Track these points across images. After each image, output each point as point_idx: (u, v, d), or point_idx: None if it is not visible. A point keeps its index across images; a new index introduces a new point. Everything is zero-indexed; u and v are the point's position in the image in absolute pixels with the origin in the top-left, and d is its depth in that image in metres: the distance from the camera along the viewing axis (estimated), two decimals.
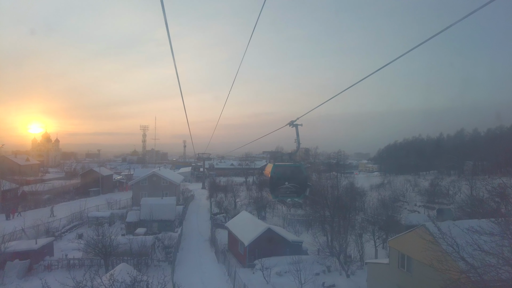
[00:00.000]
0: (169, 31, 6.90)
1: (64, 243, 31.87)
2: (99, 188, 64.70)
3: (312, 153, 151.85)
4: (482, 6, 4.86)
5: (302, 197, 16.73)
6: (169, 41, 7.37)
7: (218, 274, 24.31)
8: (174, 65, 8.91)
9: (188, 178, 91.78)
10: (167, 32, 6.91)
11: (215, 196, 52.24)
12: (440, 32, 5.60)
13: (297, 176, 16.24)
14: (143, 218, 33.96)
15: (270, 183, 16.21)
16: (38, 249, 25.58)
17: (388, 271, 17.89)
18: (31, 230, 31.89)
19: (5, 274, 22.94)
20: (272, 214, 45.86)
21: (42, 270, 24.70)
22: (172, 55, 7.95)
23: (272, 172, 16.22)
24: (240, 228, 29.05)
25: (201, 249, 30.22)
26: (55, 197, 59.96)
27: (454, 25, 5.40)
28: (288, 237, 27.70)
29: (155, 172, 50.40)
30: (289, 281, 21.87)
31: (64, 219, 38.22)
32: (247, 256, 26.10)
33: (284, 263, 24.17)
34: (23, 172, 72.72)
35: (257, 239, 26.19)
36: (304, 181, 16.68)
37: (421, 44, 6.08)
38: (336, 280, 23.18)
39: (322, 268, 24.80)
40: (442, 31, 5.59)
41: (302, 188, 16.17)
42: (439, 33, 5.59)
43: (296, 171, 16.58)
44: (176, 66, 9.14)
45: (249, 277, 23.13)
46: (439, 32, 5.59)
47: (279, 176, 16.18)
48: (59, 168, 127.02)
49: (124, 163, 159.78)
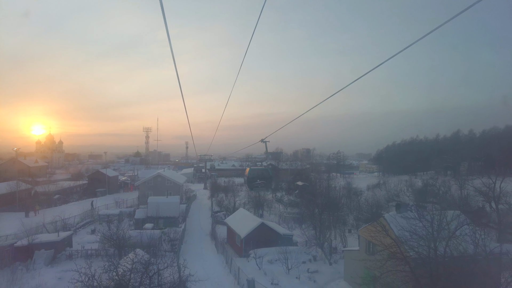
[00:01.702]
0: (168, 32, 7.31)
1: (80, 237, 36.04)
2: (106, 189, 68.98)
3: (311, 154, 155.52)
4: None
5: (269, 188, 22.76)
6: (169, 42, 7.82)
7: (217, 262, 28.37)
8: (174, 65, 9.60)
9: (190, 178, 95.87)
10: (167, 33, 7.28)
11: (216, 196, 56.35)
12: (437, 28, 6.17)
13: (265, 176, 22.24)
14: (150, 215, 38.11)
15: (247, 181, 22.98)
16: (60, 241, 29.77)
17: (358, 256, 21.76)
18: (49, 225, 36.22)
19: (34, 262, 27.07)
20: (269, 212, 49.80)
21: (65, 259, 28.79)
22: (172, 55, 8.76)
23: (248, 173, 22.89)
24: (238, 223, 33.09)
25: (202, 242, 34.33)
26: (64, 197, 64.49)
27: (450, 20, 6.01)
28: (279, 230, 31.71)
29: (160, 173, 54.62)
30: (278, 267, 25.90)
31: (77, 216, 42.46)
32: (243, 247, 30.09)
33: (275, 252, 28.09)
34: (32, 174, 77.16)
35: (252, 232, 30.18)
36: (270, 178, 23.79)
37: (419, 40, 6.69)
38: (320, 267, 27.08)
39: (309, 257, 28.71)
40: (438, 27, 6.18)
41: (269, 183, 22.84)
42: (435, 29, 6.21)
43: (264, 172, 22.59)
44: (177, 67, 9.99)
45: (244, 265, 27.06)
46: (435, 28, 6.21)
47: (253, 176, 22.36)
48: (64, 169, 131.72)
49: (127, 164, 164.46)
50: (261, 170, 32.88)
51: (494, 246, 17.07)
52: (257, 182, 32.41)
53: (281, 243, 29.80)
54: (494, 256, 15.95)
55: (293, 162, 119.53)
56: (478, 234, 15.67)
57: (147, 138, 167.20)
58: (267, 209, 50.77)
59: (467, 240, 14.54)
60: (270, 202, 55.06)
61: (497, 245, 18.51)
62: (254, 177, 31.98)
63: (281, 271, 25.38)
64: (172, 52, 8.38)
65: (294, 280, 23.94)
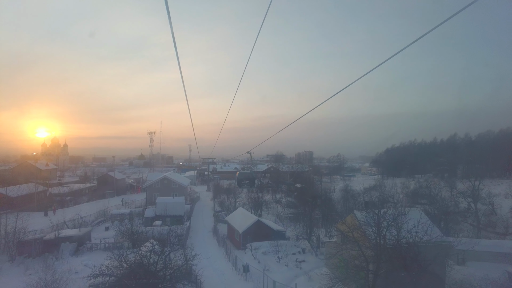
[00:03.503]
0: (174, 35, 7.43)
1: (95, 234, 41.05)
2: (114, 191, 74.28)
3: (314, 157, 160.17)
4: None
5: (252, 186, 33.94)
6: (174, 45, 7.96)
7: (219, 253, 33.29)
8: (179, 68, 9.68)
9: (194, 181, 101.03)
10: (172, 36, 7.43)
11: (218, 197, 61.32)
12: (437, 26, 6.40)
13: (250, 177, 31.94)
14: (158, 214, 43.15)
15: (237, 180, 33.49)
16: (82, 235, 34.86)
17: (336, 246, 26.51)
18: (69, 223, 41.39)
19: (61, 252, 32.13)
20: (268, 212, 54.60)
21: (86, 250, 33.82)
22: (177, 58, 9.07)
23: (238, 175, 33.49)
24: (237, 220, 37.99)
25: (205, 237, 39.27)
26: (75, 198, 69.82)
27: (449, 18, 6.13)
28: (273, 226, 36.58)
29: (166, 176, 59.81)
30: (271, 257, 30.72)
31: (92, 215, 47.62)
32: (241, 241, 34.95)
33: (268, 245, 32.86)
34: (43, 176, 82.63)
35: (249, 228, 35.05)
36: (253, 179, 36.80)
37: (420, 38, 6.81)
38: (307, 257, 31.84)
39: (298, 250, 33.48)
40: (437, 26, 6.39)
41: (252, 182, 34.17)
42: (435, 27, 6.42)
43: (249, 175, 32.78)
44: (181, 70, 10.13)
45: (241, 255, 31.92)
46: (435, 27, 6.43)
47: (241, 178, 31.52)
48: (70, 171, 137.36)
49: (131, 167, 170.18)
50: (246, 173, 61.27)
51: (437, 235, 21.86)
52: (243, 182, 51.30)
53: (275, 238, 34.60)
54: (435, 244, 20.72)
55: (295, 165, 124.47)
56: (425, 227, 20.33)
57: (151, 141, 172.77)
58: (265, 209, 55.57)
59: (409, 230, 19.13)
60: (269, 203, 59.90)
61: (441, 235, 23.39)
62: (241, 178, 52.81)
63: (273, 260, 30.19)
64: (177, 54, 8.64)
65: (283, 267, 28.75)
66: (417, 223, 20.04)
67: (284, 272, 27.66)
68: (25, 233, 32.84)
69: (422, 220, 22.45)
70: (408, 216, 21.01)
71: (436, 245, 21.37)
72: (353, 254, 19.41)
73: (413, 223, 20.12)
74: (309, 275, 26.50)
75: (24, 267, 28.74)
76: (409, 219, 20.56)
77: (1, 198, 48.57)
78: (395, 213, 19.34)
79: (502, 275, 23.78)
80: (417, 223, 20.04)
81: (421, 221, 21.02)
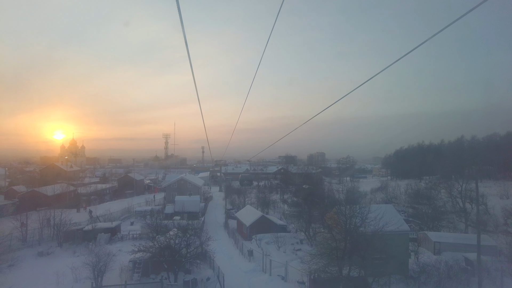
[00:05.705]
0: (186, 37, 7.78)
1: (123, 227, 48.67)
2: (133, 191, 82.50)
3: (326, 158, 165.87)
4: None
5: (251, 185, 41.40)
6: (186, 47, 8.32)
7: (229, 243, 40.43)
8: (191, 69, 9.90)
9: (207, 182, 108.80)
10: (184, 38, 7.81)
11: (229, 197, 68.53)
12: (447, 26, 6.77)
13: (249, 179, 39.75)
14: (177, 210, 50.62)
15: (240, 181, 42.41)
16: (114, 227, 42.55)
17: (325, 236, 33.12)
18: (100, 218, 49.31)
19: (98, 241, 39.82)
20: (274, 211, 61.45)
21: (118, 240, 41.46)
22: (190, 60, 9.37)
23: (240, 178, 42.41)
24: (244, 216, 45.01)
25: (218, 230, 46.45)
26: (99, 197, 78.28)
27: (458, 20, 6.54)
28: (276, 221, 43.46)
29: (183, 177, 67.50)
30: (272, 246, 37.56)
31: (118, 212, 55.53)
32: (248, 233, 41.92)
33: (271, 237, 39.71)
34: (69, 177, 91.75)
35: (255, 222, 41.99)
36: (251, 180, 45.17)
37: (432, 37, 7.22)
38: (304, 247, 38.46)
39: (297, 240, 40.25)
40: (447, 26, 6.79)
41: (251, 183, 41.87)
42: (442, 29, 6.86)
43: (249, 177, 40.26)
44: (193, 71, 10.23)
45: (247, 245, 38.93)
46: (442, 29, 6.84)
47: (243, 179, 39.18)
48: (89, 172, 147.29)
49: (146, 168, 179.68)
50: (246, 176, 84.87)
51: (400, 226, 28.30)
52: (244, 182, 68.42)
53: (277, 231, 41.44)
54: (395, 233, 27.18)
55: (306, 166, 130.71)
56: (389, 219, 26.78)
57: (167, 144, 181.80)
58: (272, 208, 62.43)
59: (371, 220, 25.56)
60: (276, 202, 66.75)
61: (406, 226, 29.85)
62: (243, 179, 68.34)
63: (274, 248, 37.02)
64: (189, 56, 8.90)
65: (281, 254, 35.56)
66: (382, 215, 26.53)
67: (282, 257, 34.43)
68: (69, 224, 40.76)
69: (391, 214, 29.10)
70: (379, 210, 27.54)
71: (396, 234, 27.88)
72: (327, 236, 26.10)
73: (380, 216, 26.61)
74: (302, 259, 33.27)
75: (71, 251, 36.55)
76: (379, 212, 27.04)
77: (41, 196, 57.08)
78: (360, 208, 25.90)
79: (460, 259, 30.35)
80: (382, 215, 26.53)
81: (386, 214, 27.48)
